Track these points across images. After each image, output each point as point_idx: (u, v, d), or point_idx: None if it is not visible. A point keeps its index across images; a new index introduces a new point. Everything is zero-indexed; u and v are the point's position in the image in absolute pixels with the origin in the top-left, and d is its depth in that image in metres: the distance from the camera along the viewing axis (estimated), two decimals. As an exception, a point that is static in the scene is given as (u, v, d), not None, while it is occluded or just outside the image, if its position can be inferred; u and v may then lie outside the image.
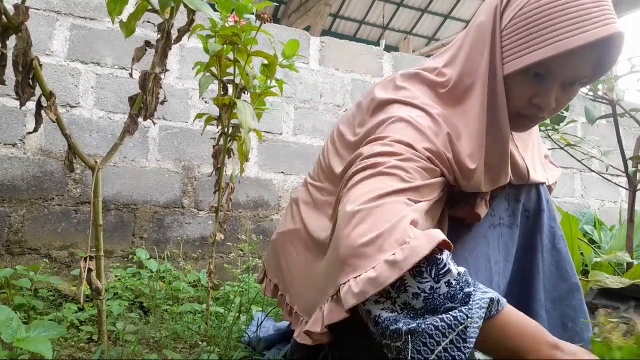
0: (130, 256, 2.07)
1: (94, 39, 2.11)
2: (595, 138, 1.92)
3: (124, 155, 2.12)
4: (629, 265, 1.70)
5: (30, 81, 1.01)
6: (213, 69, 1.37)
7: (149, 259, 2.04)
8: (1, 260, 1.88)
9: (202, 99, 2.29)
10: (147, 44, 1.12)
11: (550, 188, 1.14)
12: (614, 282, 1.40)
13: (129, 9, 1.13)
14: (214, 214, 1.51)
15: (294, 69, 1.47)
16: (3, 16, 0.95)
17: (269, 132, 2.43)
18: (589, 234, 2.72)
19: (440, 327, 0.64)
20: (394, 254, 0.67)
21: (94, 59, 2.11)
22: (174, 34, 1.12)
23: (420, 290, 0.66)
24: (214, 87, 1.46)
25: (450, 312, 0.65)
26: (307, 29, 7.29)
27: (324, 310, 0.80)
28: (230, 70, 1.38)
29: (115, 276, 1.87)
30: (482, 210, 0.93)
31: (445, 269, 0.67)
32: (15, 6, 0.96)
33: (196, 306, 1.62)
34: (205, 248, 2.23)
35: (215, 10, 1.21)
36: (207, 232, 2.24)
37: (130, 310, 1.59)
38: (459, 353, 0.63)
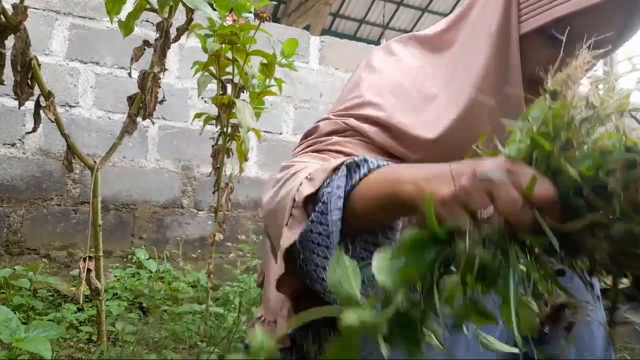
0: (129, 256, 2.07)
1: (93, 38, 2.11)
2: (596, 137, 1.92)
3: (123, 155, 2.12)
4: (630, 264, 1.70)
5: (29, 81, 1.01)
6: (212, 68, 1.37)
7: (148, 259, 2.04)
8: (0, 260, 1.87)
9: (202, 98, 2.28)
10: (146, 43, 1.12)
11: None
12: (615, 281, 1.41)
13: (128, 8, 1.13)
14: (214, 214, 1.51)
15: (293, 68, 1.47)
16: (2, 16, 0.94)
17: (268, 132, 2.42)
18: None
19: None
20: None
21: (93, 58, 2.10)
22: (173, 33, 1.12)
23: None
24: (213, 86, 1.46)
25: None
26: (307, 28, 7.28)
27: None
28: (229, 69, 1.38)
29: (115, 276, 1.87)
30: None
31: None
32: (14, 6, 0.95)
33: (196, 307, 1.62)
34: (205, 248, 2.23)
35: (214, 9, 1.21)
36: (206, 232, 2.24)
37: (130, 310, 1.59)
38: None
